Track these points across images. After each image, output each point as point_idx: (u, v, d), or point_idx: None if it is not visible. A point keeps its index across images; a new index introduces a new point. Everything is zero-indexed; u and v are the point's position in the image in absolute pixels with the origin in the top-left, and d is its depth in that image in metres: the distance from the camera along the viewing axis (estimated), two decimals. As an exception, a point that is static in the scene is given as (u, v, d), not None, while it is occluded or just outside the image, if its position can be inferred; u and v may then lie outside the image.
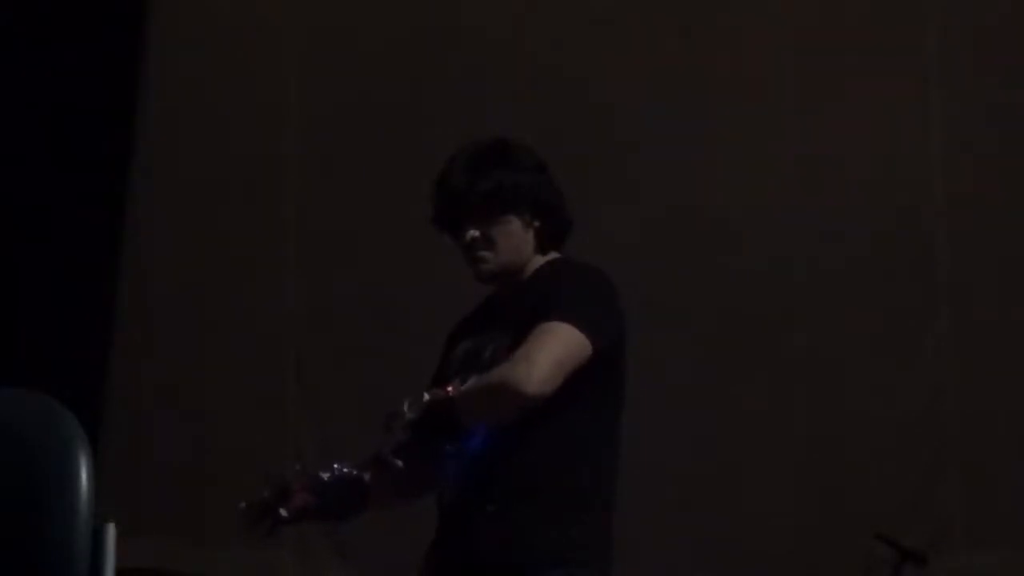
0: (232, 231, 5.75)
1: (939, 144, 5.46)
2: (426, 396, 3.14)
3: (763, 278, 5.45)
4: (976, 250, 5.41)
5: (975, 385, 5.34)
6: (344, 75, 5.76)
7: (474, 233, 3.24)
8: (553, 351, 3.08)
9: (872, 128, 5.46)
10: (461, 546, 3.18)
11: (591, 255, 3.32)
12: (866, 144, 5.47)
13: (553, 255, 3.31)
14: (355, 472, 3.25)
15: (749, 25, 5.56)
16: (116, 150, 5.66)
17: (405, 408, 3.13)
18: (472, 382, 3.14)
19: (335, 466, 3.23)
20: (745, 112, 5.51)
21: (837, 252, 5.44)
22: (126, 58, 5.69)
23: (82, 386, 5.08)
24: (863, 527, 4.81)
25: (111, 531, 1.97)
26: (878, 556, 4.64)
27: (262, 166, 5.80)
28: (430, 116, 5.51)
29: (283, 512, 3.24)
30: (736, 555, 5.30)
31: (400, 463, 3.12)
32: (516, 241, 3.25)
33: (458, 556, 3.18)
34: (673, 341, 5.30)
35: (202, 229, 5.76)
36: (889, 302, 5.41)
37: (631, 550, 3.24)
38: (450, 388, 3.14)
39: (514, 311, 3.19)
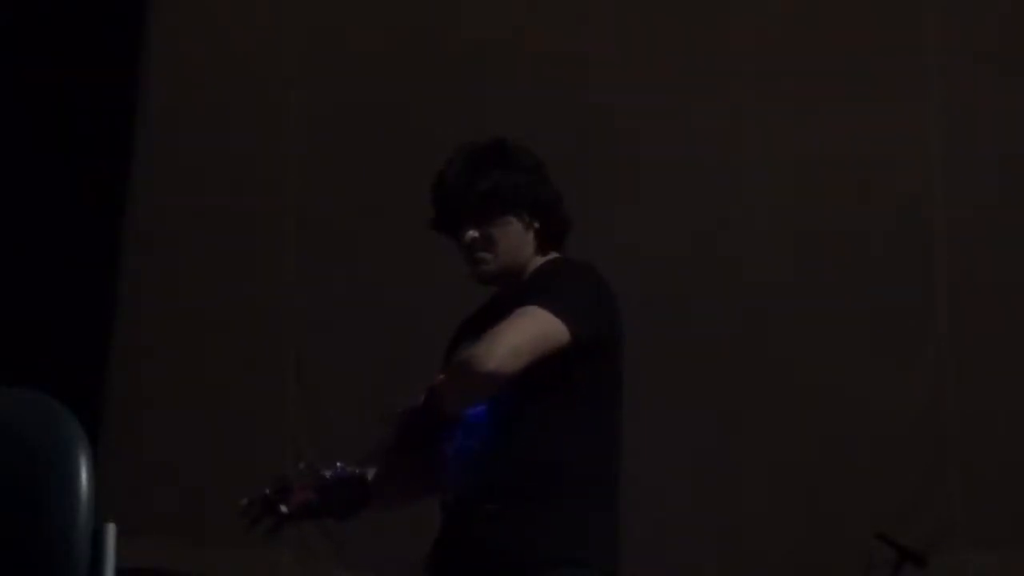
0: (232, 231, 5.75)
1: (939, 144, 5.46)
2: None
3: (763, 277, 5.44)
4: (976, 250, 5.41)
5: (975, 385, 5.34)
6: (344, 75, 5.76)
7: (473, 234, 3.23)
8: (521, 331, 3.08)
9: (872, 128, 5.46)
10: (462, 546, 3.18)
11: (591, 255, 3.32)
12: (866, 144, 5.46)
13: (553, 255, 3.31)
14: (357, 471, 3.25)
15: (749, 25, 5.56)
16: (116, 150, 5.66)
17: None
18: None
19: (337, 464, 3.24)
20: (745, 112, 5.51)
21: (837, 252, 5.44)
22: (126, 58, 5.69)
23: (82, 386, 5.08)
24: (863, 527, 4.81)
25: (111, 531, 1.97)
26: (878, 556, 4.64)
27: (262, 166, 5.80)
28: (430, 116, 5.51)
29: (284, 509, 3.25)
30: (736, 555, 5.30)
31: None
32: (515, 241, 3.25)
33: (459, 556, 3.18)
34: (673, 341, 5.30)
35: (202, 229, 5.76)
36: (889, 302, 5.41)
37: (631, 550, 3.24)
38: (440, 377, 3.17)
39: (513, 311, 3.19)
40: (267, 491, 3.26)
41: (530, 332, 3.09)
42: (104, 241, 5.64)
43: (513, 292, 3.24)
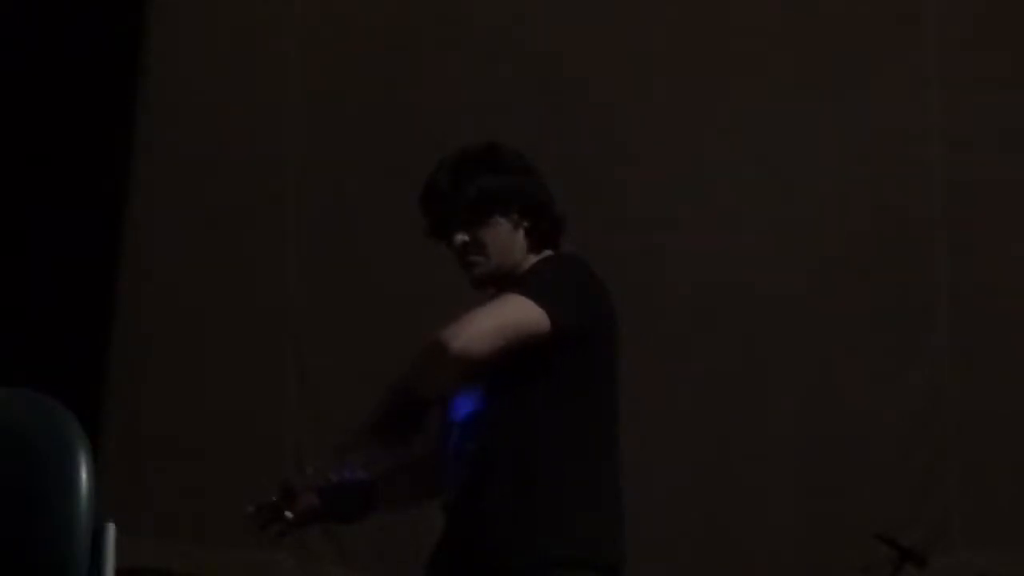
0: (232, 231, 5.75)
1: (939, 144, 5.46)
2: None
3: (762, 276, 5.44)
4: (976, 250, 5.41)
5: (974, 385, 5.34)
6: (344, 73, 5.75)
7: (463, 237, 3.23)
8: (493, 314, 3.07)
9: (872, 128, 5.46)
10: (460, 547, 3.18)
11: (592, 252, 3.32)
12: (866, 144, 5.46)
13: (547, 253, 3.30)
14: (363, 474, 3.26)
15: (748, 25, 5.56)
16: (116, 150, 5.66)
17: None
18: None
19: (344, 469, 3.25)
20: (745, 112, 5.50)
21: (836, 251, 5.44)
22: (126, 57, 5.69)
23: (82, 386, 5.08)
24: (863, 527, 4.81)
25: (111, 531, 1.97)
26: (878, 556, 4.64)
27: (262, 166, 5.80)
28: (431, 115, 5.51)
29: (288, 514, 3.25)
30: (736, 555, 5.30)
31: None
32: (505, 242, 3.25)
33: (458, 557, 3.18)
34: (672, 341, 5.30)
35: (202, 228, 5.75)
36: (889, 302, 5.41)
37: (630, 550, 3.24)
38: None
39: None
40: (273, 497, 3.28)
41: (502, 316, 3.07)
42: (104, 241, 5.64)
43: (507, 291, 3.23)
